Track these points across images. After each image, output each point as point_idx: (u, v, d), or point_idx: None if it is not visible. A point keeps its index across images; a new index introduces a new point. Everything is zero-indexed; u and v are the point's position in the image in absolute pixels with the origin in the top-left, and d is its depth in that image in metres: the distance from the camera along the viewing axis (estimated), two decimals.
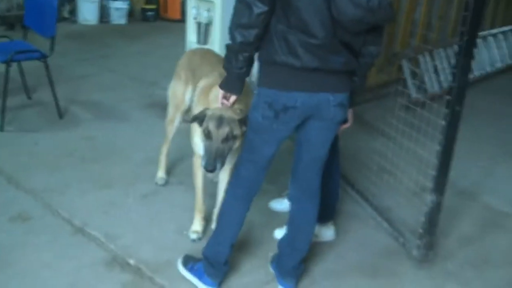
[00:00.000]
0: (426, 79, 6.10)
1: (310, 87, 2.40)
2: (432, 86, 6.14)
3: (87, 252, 3.12)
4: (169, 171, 4.00)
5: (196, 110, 3.03)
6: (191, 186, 3.75)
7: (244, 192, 2.71)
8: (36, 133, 4.65)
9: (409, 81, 5.89)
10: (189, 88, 3.55)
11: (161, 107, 5.36)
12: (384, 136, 4.05)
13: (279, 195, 3.72)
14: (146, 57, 7.46)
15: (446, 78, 6.32)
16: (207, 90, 3.05)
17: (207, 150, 2.73)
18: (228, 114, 2.70)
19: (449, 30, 7.10)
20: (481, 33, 6.89)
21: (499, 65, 7.57)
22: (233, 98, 2.63)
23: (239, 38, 2.35)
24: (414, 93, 5.81)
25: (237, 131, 2.72)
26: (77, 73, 6.36)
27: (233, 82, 2.53)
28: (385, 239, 3.44)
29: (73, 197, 3.68)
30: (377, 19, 2.31)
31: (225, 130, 2.68)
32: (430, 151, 3.25)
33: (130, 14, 9.84)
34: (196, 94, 3.21)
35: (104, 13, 9.50)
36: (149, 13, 10.01)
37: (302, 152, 2.64)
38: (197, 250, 3.09)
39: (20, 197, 3.65)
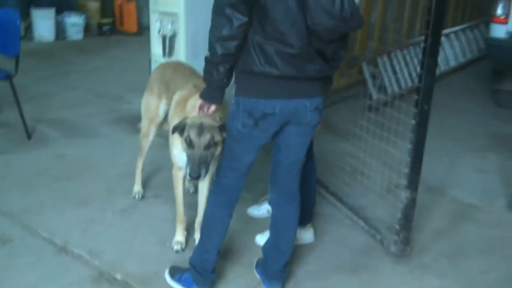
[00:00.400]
0: (386, 80, 6.28)
1: (288, 94, 2.49)
2: (392, 87, 6.33)
3: (72, 270, 3.12)
4: (144, 185, 4.03)
5: (173, 122, 3.07)
6: (168, 198, 3.82)
7: (226, 199, 2.77)
8: (6, 154, 4.61)
9: (370, 83, 6.06)
10: (163, 101, 3.60)
11: (128, 122, 5.43)
12: (352, 137, 4.17)
13: (256, 202, 3.79)
14: (106, 72, 7.46)
15: (404, 78, 6.53)
16: (183, 102, 3.11)
17: (190, 158, 2.79)
18: (208, 121, 2.76)
19: (403, 31, 7.33)
20: None
21: (453, 63, 7.84)
22: (213, 107, 2.69)
23: (220, 51, 2.41)
24: (375, 94, 5.98)
25: (217, 138, 2.78)
26: (40, 92, 6.32)
27: (214, 93, 2.59)
28: (363, 237, 3.54)
29: (51, 216, 3.67)
30: (349, 28, 2.43)
31: (206, 137, 2.74)
32: (400, 149, 3.39)
33: (86, 29, 9.80)
34: (172, 107, 3.26)
35: (60, 29, 9.44)
36: (105, 27, 10.00)
37: (281, 157, 2.72)
38: (182, 260, 3.15)
39: None
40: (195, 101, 2.96)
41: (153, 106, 3.67)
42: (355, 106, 5.63)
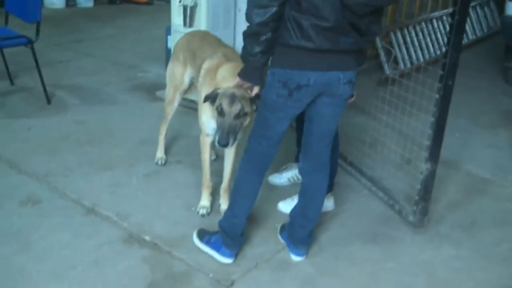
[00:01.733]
0: (399, 55, 6.34)
1: (322, 66, 2.55)
2: (404, 61, 6.39)
3: (102, 230, 3.24)
4: (165, 151, 4.11)
5: (203, 91, 3.16)
6: (190, 164, 3.96)
7: (257, 166, 2.87)
8: (27, 118, 4.69)
9: (384, 58, 6.13)
10: (188, 70, 3.67)
11: (145, 89, 5.51)
12: (369, 109, 4.27)
13: (277, 170, 3.88)
14: (120, 41, 7.49)
15: (417, 54, 6.60)
16: (213, 71, 3.17)
17: (219, 126, 2.89)
18: (240, 92, 2.84)
19: (415, 8, 7.36)
20: (447, 10, 7.17)
21: (465, 40, 7.88)
22: (256, 89, 2.77)
23: (256, 19, 2.45)
24: (388, 69, 6.06)
25: (248, 109, 2.87)
26: (55, 58, 6.37)
27: (251, 71, 2.65)
28: (381, 207, 3.66)
29: (77, 180, 3.77)
30: (382, 2, 2.50)
31: (237, 107, 2.83)
32: (421, 122, 3.48)
33: None
34: (201, 76, 3.32)
35: None
36: None
37: (313, 127, 2.80)
38: (207, 224, 3.27)
39: (25, 181, 3.72)
40: (225, 71, 3.06)
41: (178, 74, 3.74)
42: (370, 80, 5.77)
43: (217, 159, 3.98)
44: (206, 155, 3.36)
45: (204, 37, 3.70)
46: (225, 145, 2.88)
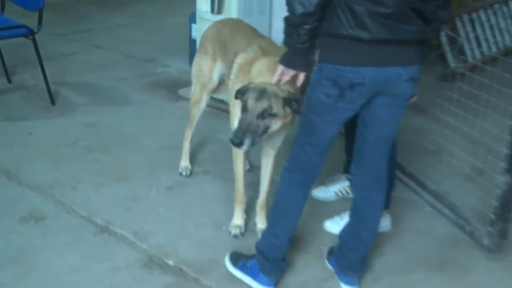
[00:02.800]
0: (466, 44, 6.28)
1: (379, 61, 2.52)
2: (473, 52, 6.32)
3: (117, 253, 3.26)
4: (191, 159, 4.15)
5: (235, 89, 3.14)
6: (220, 175, 3.98)
7: (302, 178, 2.86)
8: (28, 121, 4.78)
9: (447, 47, 6.08)
10: (218, 64, 3.70)
11: (165, 87, 5.57)
12: (432, 109, 4.25)
13: (322, 183, 3.87)
14: (134, 30, 7.60)
15: (489, 43, 6.52)
16: (247, 66, 3.18)
17: (239, 122, 2.91)
18: (274, 89, 2.84)
19: None
20: None
21: None
22: (302, 77, 2.76)
23: (299, 9, 2.45)
24: (452, 61, 6.01)
25: (277, 109, 2.86)
26: (58, 51, 6.48)
27: (295, 58, 2.65)
28: (448, 227, 3.62)
29: (87, 192, 3.81)
30: None
31: (263, 104, 2.83)
32: (498, 126, 3.44)
33: None
34: (233, 72, 3.34)
35: None
36: None
37: (367, 132, 2.78)
38: (241, 246, 3.27)
39: (26, 194, 3.77)
40: (262, 65, 3.08)
41: (206, 69, 3.77)
42: (430, 74, 5.73)
43: (252, 169, 3.99)
44: (240, 165, 3.37)
45: (236, 26, 3.72)
46: (238, 144, 2.86)
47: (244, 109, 2.89)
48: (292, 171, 2.86)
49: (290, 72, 2.74)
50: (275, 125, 2.92)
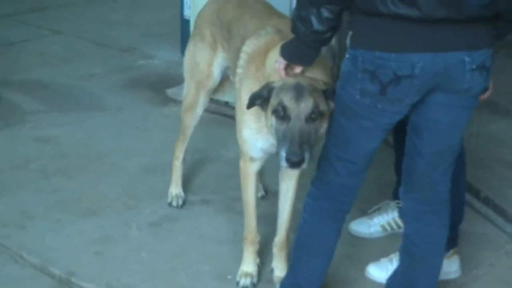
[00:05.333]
0: None
1: (434, 45, 2.58)
2: None
3: None
4: (185, 185, 4.23)
5: (245, 88, 3.25)
6: (223, 206, 4.07)
7: (333, 207, 2.96)
8: None
9: None
10: (220, 54, 3.78)
11: (149, 86, 5.62)
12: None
13: (364, 213, 3.97)
14: (107, 9, 7.71)
15: None
16: (260, 56, 3.24)
17: (285, 136, 2.90)
18: (307, 81, 2.92)
19: None
20: None
21: None
22: (298, 68, 2.89)
23: None
24: None
25: (323, 106, 2.92)
26: (2, 38, 6.60)
27: (305, 50, 2.77)
28: None
29: (41, 233, 3.88)
30: None
31: (308, 103, 2.87)
32: None
33: None
34: (241, 63, 3.38)
35: None
36: None
37: (421, 144, 2.84)
38: None
39: None
40: (278, 55, 3.13)
41: (203, 62, 3.85)
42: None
43: (267, 197, 4.10)
44: (251, 191, 3.44)
45: (244, 2, 3.77)
46: (299, 163, 2.87)
47: (283, 116, 2.91)
48: (319, 198, 2.96)
49: (294, 67, 2.87)
50: (322, 128, 2.97)
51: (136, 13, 7.42)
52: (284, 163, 2.89)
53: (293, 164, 2.85)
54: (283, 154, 2.87)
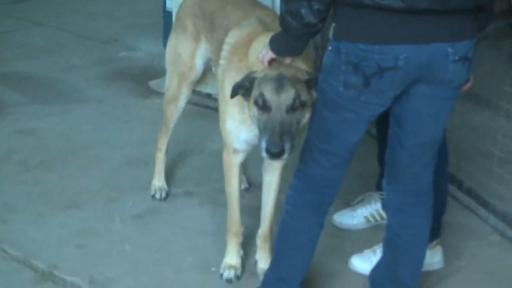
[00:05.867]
0: None
1: (418, 37, 2.59)
2: None
3: None
4: (168, 177, 4.24)
5: (229, 79, 3.25)
6: (207, 198, 4.09)
7: (316, 199, 2.95)
8: None
9: None
10: (202, 46, 3.79)
11: (131, 78, 5.64)
12: (493, 105, 4.33)
13: (347, 205, 3.99)
14: (86, 1, 7.70)
15: None
16: (243, 47, 3.25)
17: (265, 127, 2.92)
18: (290, 72, 2.93)
19: None
20: None
21: None
22: (288, 59, 2.90)
23: None
24: None
25: (305, 97, 2.93)
26: None
27: (293, 42, 2.77)
28: None
29: (23, 226, 3.89)
30: None
31: (289, 93, 2.88)
32: None
33: None
34: (224, 55, 3.39)
35: None
36: None
37: (404, 135, 2.85)
38: None
39: None
40: (263, 46, 3.13)
41: (185, 54, 3.86)
42: (497, 53, 5.76)
43: (251, 189, 4.11)
44: (234, 183, 3.45)
45: None
46: (279, 154, 2.88)
47: (264, 106, 2.92)
48: (301, 190, 2.96)
49: (286, 60, 2.88)
50: (305, 118, 2.98)
51: (118, 4, 7.43)
52: (264, 154, 2.90)
53: (273, 155, 2.87)
54: (263, 144, 2.88)
